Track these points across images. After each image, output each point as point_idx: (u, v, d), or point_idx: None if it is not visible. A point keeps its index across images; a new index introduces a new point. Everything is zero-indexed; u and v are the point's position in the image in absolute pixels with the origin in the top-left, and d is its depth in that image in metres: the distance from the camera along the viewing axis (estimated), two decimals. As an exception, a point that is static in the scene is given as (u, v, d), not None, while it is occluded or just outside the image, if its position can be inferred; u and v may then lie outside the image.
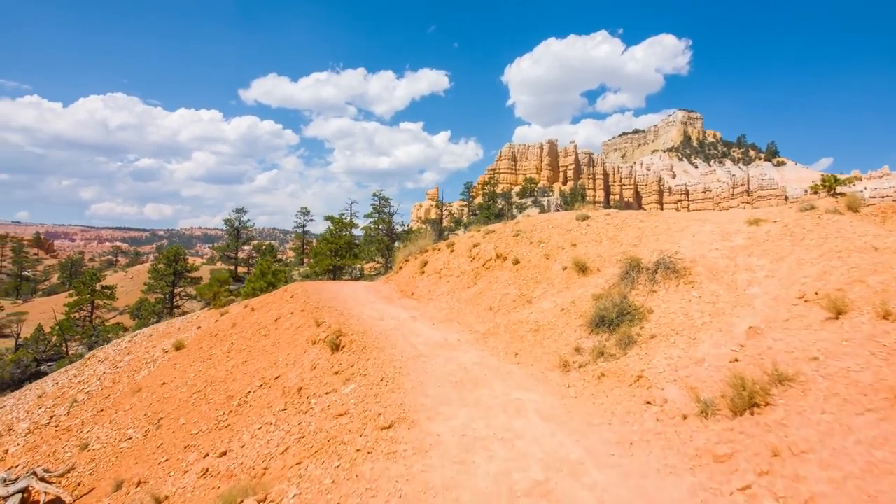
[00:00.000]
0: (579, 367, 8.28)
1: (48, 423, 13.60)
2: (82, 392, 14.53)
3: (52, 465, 10.95)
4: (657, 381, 6.83)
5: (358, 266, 46.49)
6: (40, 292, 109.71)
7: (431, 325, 12.07)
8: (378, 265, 43.53)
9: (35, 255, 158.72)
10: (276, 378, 10.34)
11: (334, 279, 40.21)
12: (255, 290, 30.69)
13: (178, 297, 60.66)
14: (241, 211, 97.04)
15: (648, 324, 8.52)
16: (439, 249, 16.92)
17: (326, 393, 8.80)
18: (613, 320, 8.84)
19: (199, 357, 12.96)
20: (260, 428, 8.73)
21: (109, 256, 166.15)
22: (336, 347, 10.32)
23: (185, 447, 9.33)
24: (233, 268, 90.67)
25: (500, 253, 14.19)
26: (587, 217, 14.66)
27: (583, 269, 11.93)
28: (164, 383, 12.39)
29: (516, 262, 13.47)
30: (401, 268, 17.96)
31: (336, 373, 9.38)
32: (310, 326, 11.77)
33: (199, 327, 17.12)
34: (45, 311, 74.40)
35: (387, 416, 6.82)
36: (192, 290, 60.15)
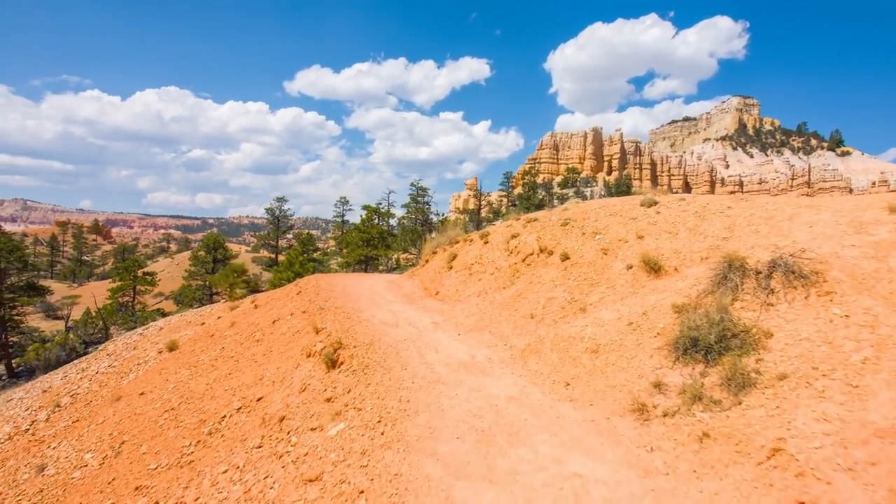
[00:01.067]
0: (664, 414, 5.60)
1: (28, 428, 12.05)
2: (69, 394, 12.93)
3: (7, 487, 9.22)
4: (813, 464, 4.11)
5: (394, 256, 44.61)
6: (95, 277, 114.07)
7: (456, 334, 9.59)
8: (412, 256, 41.36)
9: (94, 240, 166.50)
10: (258, 399, 8.14)
11: (366, 270, 38.35)
12: (282, 280, 29.11)
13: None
14: (281, 200, 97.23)
15: (770, 354, 5.71)
16: (471, 240, 14.39)
17: (311, 429, 6.52)
18: (712, 345, 6.08)
19: (186, 362, 11.01)
20: (224, 472, 6.53)
21: (162, 243, 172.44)
22: (333, 364, 8.02)
23: (137, 488, 7.26)
24: (274, 256, 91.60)
25: (544, 246, 11.51)
26: (655, 202, 11.74)
27: (655, 268, 9.13)
28: (142, 393, 10.50)
29: (565, 257, 10.76)
30: (427, 261, 15.54)
31: (328, 399, 7.08)
32: (308, 333, 9.52)
33: (202, 323, 15.34)
34: (98, 295, 76.82)
35: (369, 500, 4.41)
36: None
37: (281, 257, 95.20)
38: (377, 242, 37.50)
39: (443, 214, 47.31)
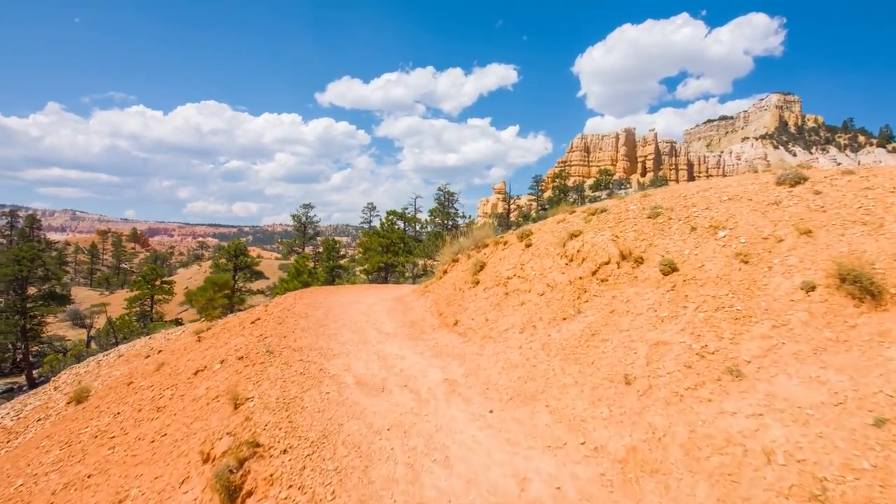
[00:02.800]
0: None
1: None
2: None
3: None
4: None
5: (420, 263, 40.56)
6: (129, 284, 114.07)
7: (487, 411, 5.25)
8: (435, 262, 37.04)
9: (132, 248, 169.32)
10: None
11: (386, 279, 34.34)
12: (289, 290, 25.31)
13: (239, 293, 58.05)
14: (308, 206, 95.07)
15: None
16: (505, 243, 10.02)
17: None
18: None
19: (62, 438, 7.02)
20: None
21: (197, 251, 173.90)
22: (233, 496, 3.82)
23: None
24: (310, 262, 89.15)
25: (627, 250, 7.03)
26: (803, 179, 7.12)
27: (868, 290, 4.62)
28: (9, 470, 6.57)
29: (669, 268, 6.28)
30: (445, 272, 11.24)
31: None
32: (223, 406, 5.36)
33: (159, 352, 11.48)
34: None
35: None
36: (253, 285, 57.50)
37: (308, 264, 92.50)
38: (398, 248, 33.46)
39: (470, 217, 43.08)
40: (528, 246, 8.95)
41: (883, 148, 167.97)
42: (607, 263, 6.97)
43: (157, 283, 50.44)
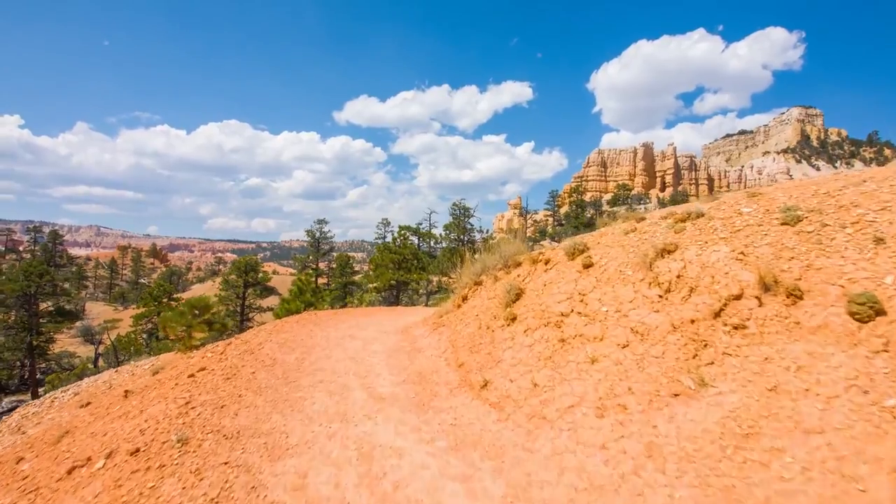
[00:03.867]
0: None
1: None
2: None
3: None
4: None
5: (436, 279, 37.88)
6: (139, 301, 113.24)
7: None
8: (451, 280, 34.36)
9: (151, 264, 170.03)
10: None
11: (398, 297, 31.69)
12: (290, 311, 22.80)
13: (249, 310, 56.11)
14: (321, 222, 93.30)
15: None
16: (547, 261, 7.29)
17: None
18: None
19: None
20: None
21: (214, 266, 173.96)
22: None
23: None
24: (314, 280, 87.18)
25: (769, 275, 4.26)
26: None
27: None
28: None
29: (868, 308, 3.52)
30: (464, 298, 8.54)
31: None
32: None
33: (84, 405, 8.94)
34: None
35: None
36: (264, 301, 55.51)
37: (321, 280, 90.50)
38: (411, 265, 30.88)
39: (488, 231, 40.41)
40: (588, 267, 6.18)
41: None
42: (738, 298, 4.19)
43: (165, 300, 48.57)
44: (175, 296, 53.79)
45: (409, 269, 30.94)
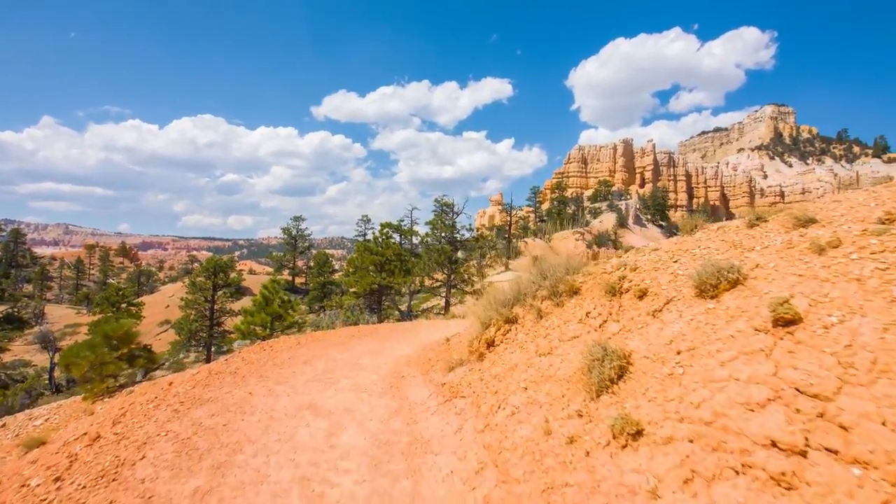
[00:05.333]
0: None
1: None
2: None
3: None
4: None
5: (418, 280, 34.71)
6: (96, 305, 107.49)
7: None
8: (437, 282, 31.25)
9: (120, 263, 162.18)
10: None
11: (380, 304, 28.43)
12: (252, 327, 19.46)
13: (220, 314, 52.06)
14: (298, 219, 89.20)
15: None
16: (643, 294, 4.30)
17: None
18: None
19: None
20: None
21: (187, 265, 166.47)
22: None
23: None
24: (291, 279, 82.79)
25: None
26: None
27: None
28: None
29: None
30: (490, 344, 5.50)
31: None
32: None
33: None
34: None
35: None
36: (235, 305, 51.59)
37: (298, 279, 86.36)
38: (394, 266, 27.66)
39: (475, 229, 37.38)
40: (789, 323, 3.15)
41: (878, 158, 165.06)
42: None
43: (124, 305, 44.23)
44: (137, 300, 49.37)
45: (392, 272, 27.75)
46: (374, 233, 31.65)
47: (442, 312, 28.49)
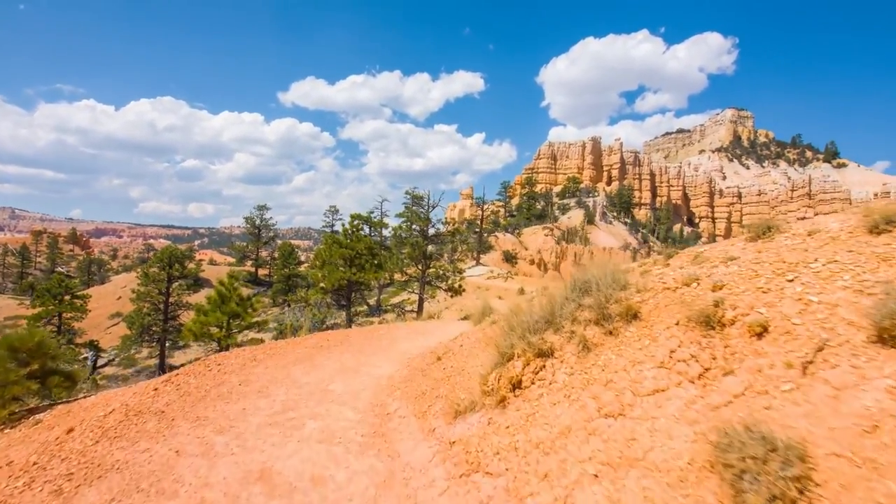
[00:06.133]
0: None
1: None
2: None
3: None
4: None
5: (391, 275, 32.89)
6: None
7: None
8: (408, 276, 29.51)
9: (70, 251, 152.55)
10: None
11: (349, 300, 26.54)
12: (206, 326, 17.33)
13: (175, 308, 48.74)
14: (262, 208, 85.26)
15: None
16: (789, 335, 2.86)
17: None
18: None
19: None
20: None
21: (143, 254, 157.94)
22: None
23: None
24: (254, 270, 79.10)
25: None
26: None
27: None
28: None
29: None
30: (516, 384, 3.95)
31: None
32: None
33: None
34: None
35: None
36: (192, 298, 48.44)
37: (262, 271, 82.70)
38: (365, 261, 25.79)
39: (450, 222, 35.83)
40: None
41: (828, 163, 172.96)
42: None
43: (67, 297, 40.47)
44: (82, 292, 45.50)
45: (362, 267, 25.87)
46: (343, 224, 29.64)
47: (415, 310, 26.86)
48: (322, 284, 25.56)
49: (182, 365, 44.47)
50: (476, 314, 10.79)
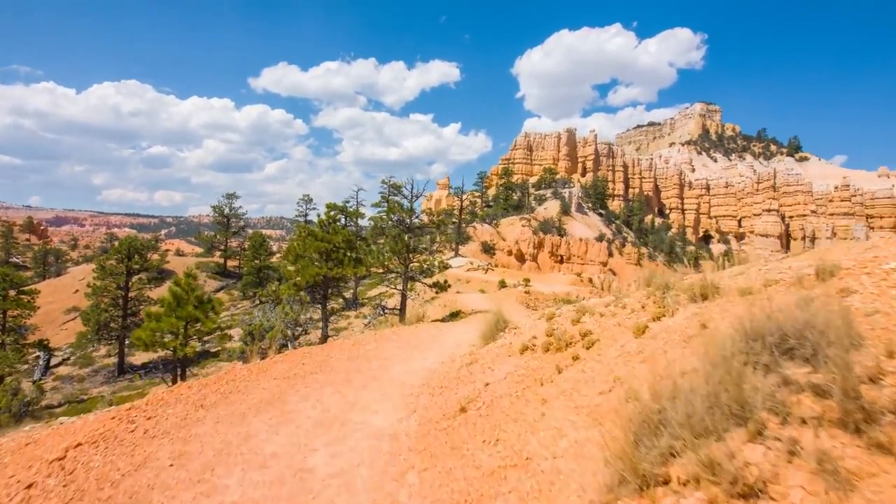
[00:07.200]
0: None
1: None
2: None
3: None
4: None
5: (368, 268, 30.47)
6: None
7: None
8: (388, 270, 27.18)
9: (26, 240, 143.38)
10: None
11: (324, 299, 24.14)
12: (158, 333, 14.77)
13: (136, 304, 45.09)
14: (232, 196, 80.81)
15: None
16: None
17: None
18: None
19: None
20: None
21: (105, 244, 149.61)
22: None
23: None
24: (223, 261, 75.01)
25: None
26: None
27: None
28: None
29: None
30: None
31: None
32: None
33: None
34: (-7, 310, 58.83)
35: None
36: (154, 293, 45.01)
37: (231, 262, 78.34)
38: (343, 255, 23.39)
39: (433, 212, 33.58)
40: None
41: (792, 157, 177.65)
42: None
43: (13, 294, 36.52)
44: (29, 287, 41.44)
45: (340, 262, 23.45)
46: (317, 215, 27.05)
47: (397, 308, 24.69)
48: (296, 281, 23.04)
49: (144, 365, 40.55)
50: (488, 328, 8.70)
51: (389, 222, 32.72)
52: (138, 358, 41.66)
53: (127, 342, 38.96)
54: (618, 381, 3.80)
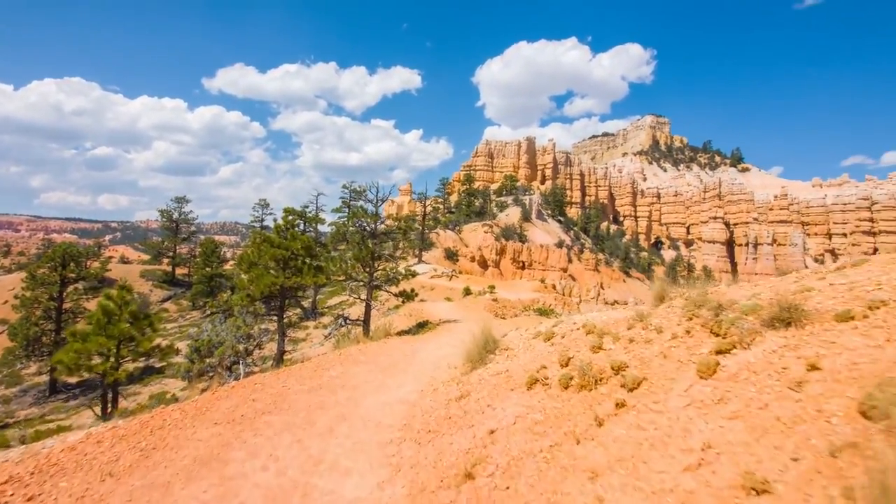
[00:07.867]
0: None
1: None
2: None
3: None
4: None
5: (329, 276, 28.52)
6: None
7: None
8: (345, 277, 25.51)
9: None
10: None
11: (282, 310, 22.22)
12: (77, 357, 12.63)
13: (70, 316, 41.09)
14: (181, 200, 76.05)
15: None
16: None
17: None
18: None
19: None
20: None
21: (41, 250, 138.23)
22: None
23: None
24: (171, 269, 70.17)
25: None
26: None
27: None
28: None
29: None
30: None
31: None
32: None
33: None
34: None
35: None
36: (92, 303, 41.05)
37: (180, 270, 73.55)
38: (302, 262, 21.57)
39: (401, 218, 32.06)
40: None
41: (735, 168, 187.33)
42: None
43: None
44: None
45: (299, 270, 21.66)
46: (275, 220, 25.04)
47: (361, 321, 23.04)
48: (249, 290, 20.99)
49: (79, 383, 36.57)
50: (475, 348, 7.44)
51: (352, 228, 31.04)
52: (73, 375, 37.86)
53: (59, 359, 35.24)
54: (709, 449, 2.63)
